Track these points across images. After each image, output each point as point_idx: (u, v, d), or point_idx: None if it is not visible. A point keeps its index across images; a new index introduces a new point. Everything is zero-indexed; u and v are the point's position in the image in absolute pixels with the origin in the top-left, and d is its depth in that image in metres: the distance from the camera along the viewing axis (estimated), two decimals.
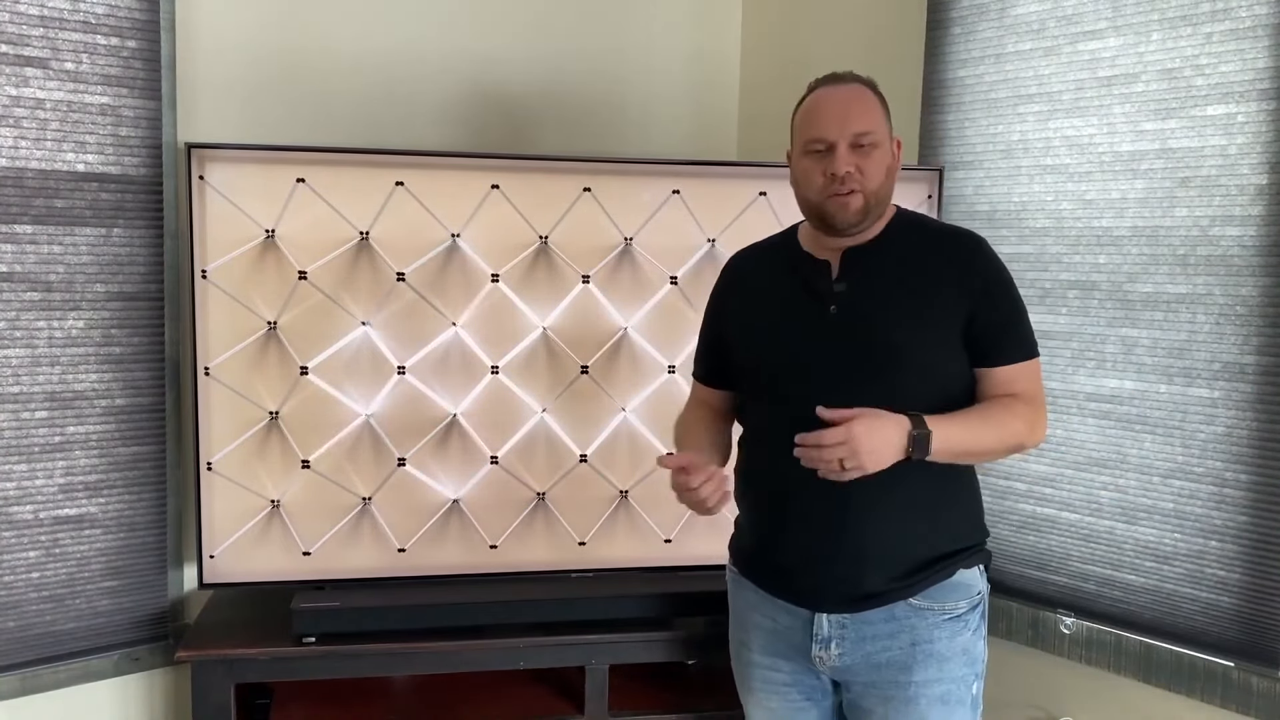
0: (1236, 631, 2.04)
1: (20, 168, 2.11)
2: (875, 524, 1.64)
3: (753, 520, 1.78)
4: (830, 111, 1.64)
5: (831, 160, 1.62)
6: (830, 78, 1.69)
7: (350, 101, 2.49)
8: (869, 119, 1.63)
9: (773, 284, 1.76)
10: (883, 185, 1.65)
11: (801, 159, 1.67)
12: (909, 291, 1.65)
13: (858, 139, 1.62)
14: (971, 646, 1.69)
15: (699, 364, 1.91)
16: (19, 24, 2.08)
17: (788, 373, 1.68)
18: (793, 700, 1.77)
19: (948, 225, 1.76)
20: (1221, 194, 2.02)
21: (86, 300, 2.19)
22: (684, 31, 2.90)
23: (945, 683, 1.66)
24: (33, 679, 2.18)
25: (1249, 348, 2.00)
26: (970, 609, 1.69)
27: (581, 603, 2.25)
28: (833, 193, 1.63)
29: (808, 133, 1.66)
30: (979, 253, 1.68)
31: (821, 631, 1.68)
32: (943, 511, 1.68)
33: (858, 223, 1.65)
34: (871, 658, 1.67)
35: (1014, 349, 1.67)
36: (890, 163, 1.66)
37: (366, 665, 2.18)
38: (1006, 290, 1.68)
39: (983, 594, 1.72)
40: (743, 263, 1.87)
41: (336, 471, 2.24)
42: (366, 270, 2.21)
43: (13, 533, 2.15)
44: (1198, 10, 2.04)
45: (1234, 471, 2.02)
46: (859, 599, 1.66)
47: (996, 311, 1.65)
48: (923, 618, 1.66)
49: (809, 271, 1.71)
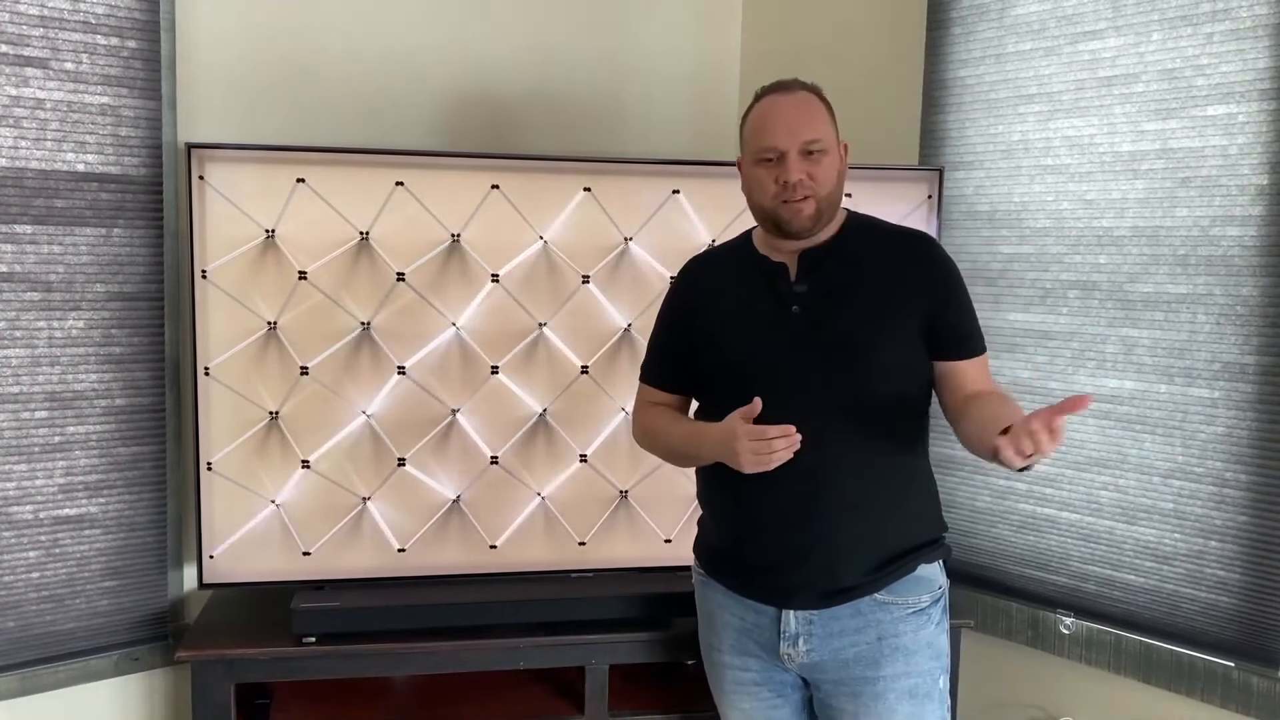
0: (1236, 631, 2.04)
1: (20, 168, 2.11)
2: (847, 520, 1.67)
3: (721, 520, 1.80)
4: (780, 121, 1.67)
5: (783, 168, 1.66)
6: (777, 86, 1.72)
7: (350, 101, 2.48)
8: (818, 127, 1.68)
9: (733, 287, 1.79)
10: (834, 190, 1.70)
11: (753, 168, 1.71)
12: (868, 291, 1.70)
13: (807, 146, 1.66)
14: (935, 640, 1.73)
15: (653, 369, 1.90)
16: (19, 24, 2.08)
17: (756, 374, 1.70)
18: (764, 699, 1.79)
19: (898, 226, 1.82)
20: (1222, 194, 2.02)
21: (86, 300, 2.19)
22: (684, 31, 2.90)
23: (913, 676, 1.70)
24: (33, 679, 2.18)
25: (1249, 348, 2.00)
26: (933, 603, 1.73)
27: (581, 603, 2.25)
28: (785, 199, 1.67)
29: (759, 141, 1.69)
30: (935, 252, 1.75)
31: (789, 628, 1.71)
32: (906, 506, 1.73)
33: (811, 228, 1.69)
34: (839, 654, 1.70)
35: (973, 344, 1.72)
36: (840, 167, 1.71)
37: (366, 665, 2.18)
38: (962, 288, 1.74)
39: (943, 588, 1.77)
40: (701, 267, 1.89)
41: (336, 471, 2.24)
42: (366, 270, 2.21)
43: (13, 533, 2.15)
44: (1198, 10, 2.03)
45: (1234, 472, 2.02)
46: (830, 594, 1.68)
47: (955, 309, 1.71)
48: (888, 612, 1.69)
49: (768, 274, 1.74)
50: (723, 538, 1.80)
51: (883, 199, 2.27)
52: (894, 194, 2.32)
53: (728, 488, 1.74)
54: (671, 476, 2.35)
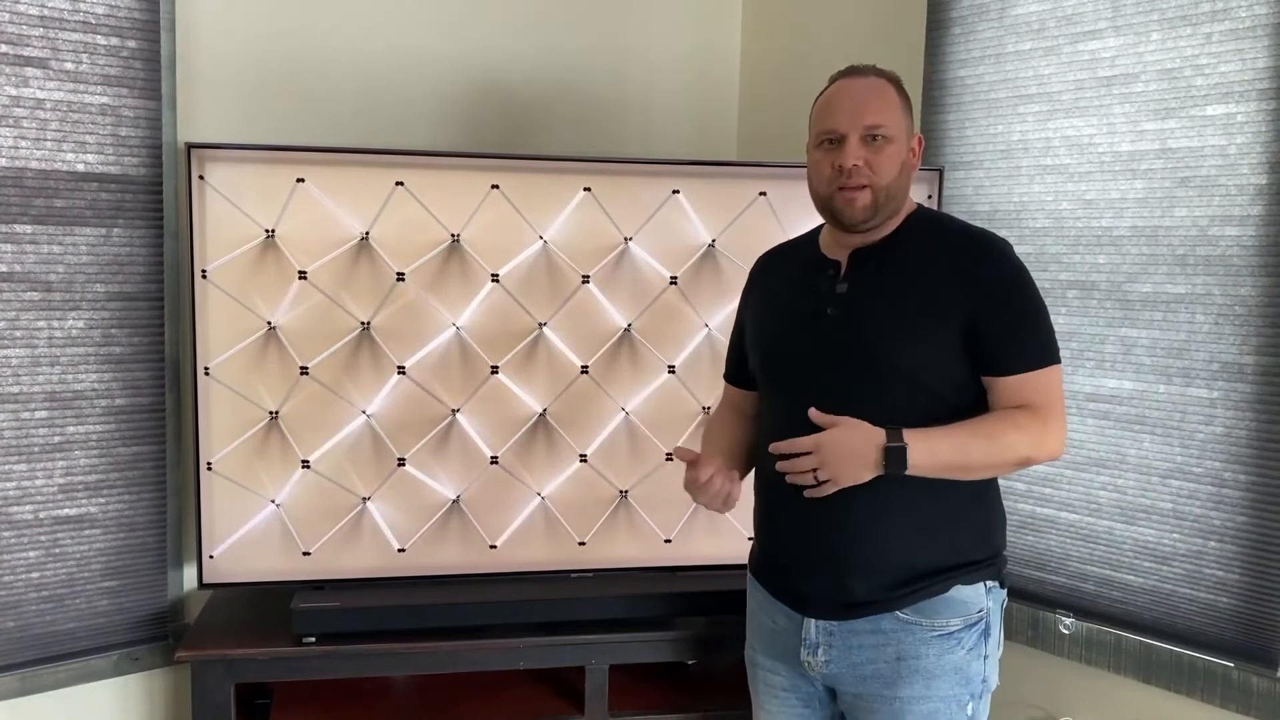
0: (1236, 632, 2.04)
1: (20, 168, 2.11)
2: (865, 531, 1.60)
3: (760, 520, 1.79)
4: (844, 103, 1.60)
5: (841, 153, 1.58)
6: (850, 70, 1.65)
7: (350, 101, 2.49)
8: (884, 113, 1.59)
9: (786, 284, 1.76)
10: (894, 181, 1.60)
11: (814, 151, 1.64)
12: (908, 294, 1.60)
13: (869, 131, 1.58)
14: (966, 666, 1.62)
15: (728, 363, 1.92)
16: (19, 24, 2.08)
17: (788, 374, 1.68)
18: (791, 706, 1.76)
19: (967, 226, 1.68)
20: (1221, 194, 2.02)
21: (86, 300, 2.19)
22: (684, 31, 2.90)
23: (932, 701, 1.61)
24: (33, 679, 2.18)
25: (1248, 348, 2.00)
26: (965, 627, 1.62)
27: (581, 603, 2.25)
28: (840, 186, 1.59)
29: (821, 123, 1.63)
30: (988, 254, 1.60)
31: (810, 636, 1.67)
32: (943, 523, 1.61)
33: (866, 219, 1.61)
34: (858, 669, 1.64)
35: (1019, 356, 1.57)
36: (907, 159, 1.62)
37: (366, 665, 2.18)
38: (1015, 294, 1.59)
39: (985, 612, 1.64)
40: (765, 262, 1.86)
41: (336, 471, 2.24)
42: (366, 270, 2.21)
43: (13, 533, 2.15)
44: (1198, 10, 2.04)
45: (1233, 472, 2.02)
46: (845, 606, 1.63)
47: (999, 317, 1.57)
48: (910, 632, 1.61)
49: (816, 273, 1.69)
50: (759, 538, 1.80)
51: None
52: None
53: (761, 493, 1.76)
54: (672, 477, 2.35)
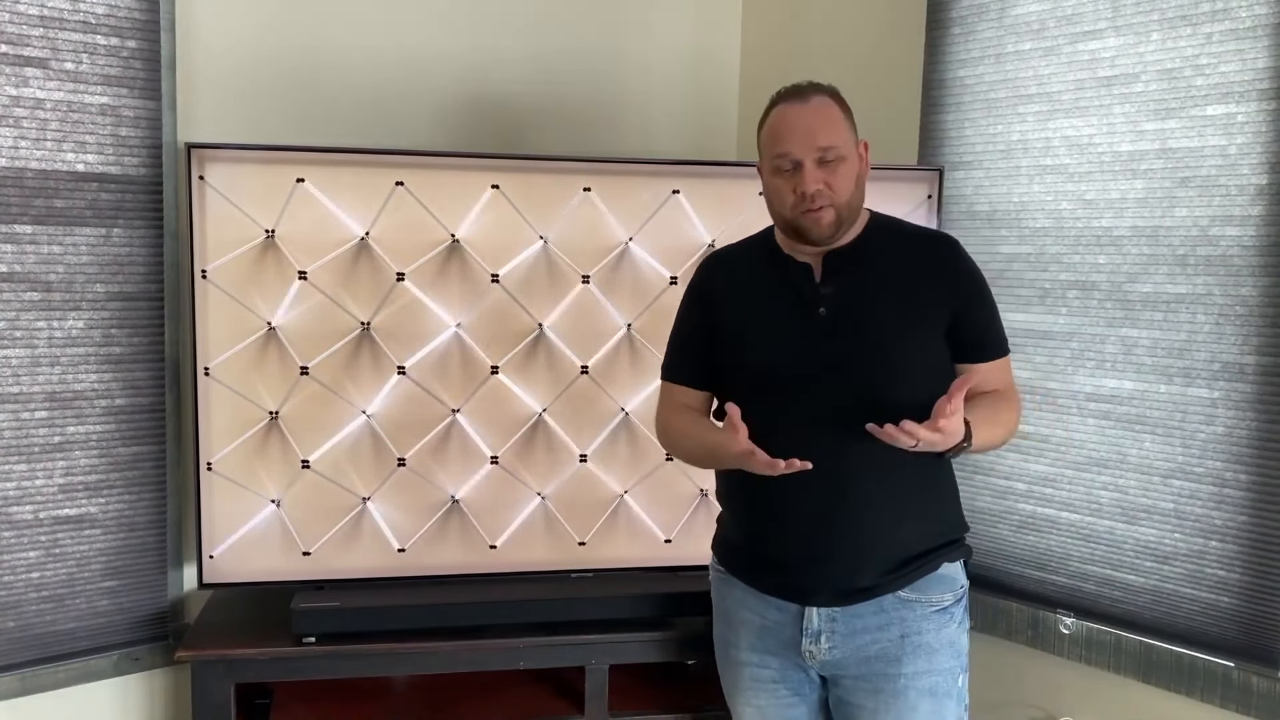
0: (1236, 631, 2.04)
1: (20, 168, 2.11)
2: (872, 518, 1.67)
3: (744, 517, 1.79)
4: (794, 128, 1.65)
5: (800, 178, 1.65)
6: (792, 92, 1.69)
7: (350, 101, 2.49)
8: (833, 133, 1.65)
9: (757, 286, 1.78)
10: (853, 195, 1.69)
11: (771, 178, 1.70)
12: (893, 293, 1.70)
13: (823, 155, 1.64)
14: (957, 639, 1.74)
15: (677, 367, 1.86)
16: (19, 24, 2.08)
17: (781, 375, 1.69)
18: (781, 697, 1.79)
19: (922, 228, 1.83)
20: (1221, 194, 2.02)
21: (86, 300, 2.19)
22: (684, 31, 2.90)
23: (934, 674, 1.70)
24: (33, 679, 2.18)
25: (1249, 348, 2.00)
26: (955, 602, 1.74)
27: (581, 603, 2.25)
28: (804, 209, 1.66)
29: (774, 150, 1.68)
30: (955, 252, 1.76)
31: (812, 625, 1.71)
32: (930, 505, 1.74)
33: (832, 235, 1.69)
34: (861, 650, 1.70)
35: (995, 346, 1.76)
36: (859, 170, 1.69)
37: (366, 665, 2.18)
38: (985, 288, 1.76)
39: (965, 587, 1.78)
40: (724, 263, 1.87)
41: (336, 471, 2.24)
42: (366, 270, 2.21)
43: (13, 533, 2.15)
44: (1198, 10, 2.04)
45: (1234, 471, 2.02)
46: (852, 592, 1.69)
47: (979, 312, 1.74)
48: (911, 610, 1.70)
49: (793, 275, 1.73)
50: (744, 535, 1.79)
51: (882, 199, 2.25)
52: (893, 194, 2.32)
53: (750, 487, 1.73)
54: (671, 477, 2.35)
